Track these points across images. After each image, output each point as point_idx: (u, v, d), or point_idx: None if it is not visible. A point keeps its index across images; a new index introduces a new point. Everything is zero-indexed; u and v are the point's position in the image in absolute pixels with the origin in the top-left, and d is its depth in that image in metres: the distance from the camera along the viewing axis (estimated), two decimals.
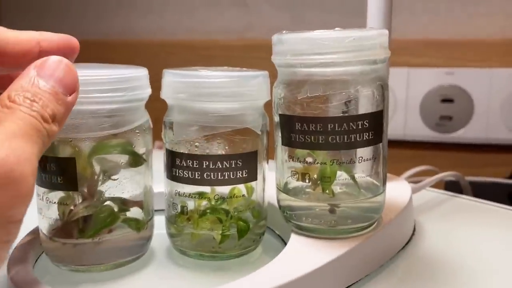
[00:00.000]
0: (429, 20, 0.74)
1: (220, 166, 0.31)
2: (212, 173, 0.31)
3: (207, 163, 0.30)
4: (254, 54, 0.78)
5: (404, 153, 0.77)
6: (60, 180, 0.29)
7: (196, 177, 0.31)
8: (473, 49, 0.71)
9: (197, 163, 0.31)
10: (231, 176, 0.31)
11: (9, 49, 0.24)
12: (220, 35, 0.84)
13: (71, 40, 0.28)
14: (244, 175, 0.31)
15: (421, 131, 0.75)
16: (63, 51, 0.28)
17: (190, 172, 0.31)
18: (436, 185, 0.51)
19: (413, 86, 0.74)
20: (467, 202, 0.48)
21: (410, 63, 0.74)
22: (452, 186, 0.63)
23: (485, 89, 0.71)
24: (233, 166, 0.31)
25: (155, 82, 0.33)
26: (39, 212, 0.31)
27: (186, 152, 0.31)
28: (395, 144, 0.76)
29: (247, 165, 0.31)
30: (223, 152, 0.31)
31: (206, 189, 0.32)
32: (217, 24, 0.84)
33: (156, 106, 0.35)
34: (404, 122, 0.75)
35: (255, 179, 0.32)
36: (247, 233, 0.32)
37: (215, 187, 0.32)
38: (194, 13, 0.86)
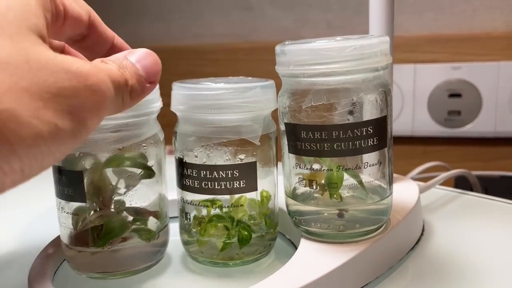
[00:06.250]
0: (434, 16, 0.74)
1: (217, 176, 0.31)
2: (210, 183, 0.31)
3: (204, 172, 0.31)
4: (258, 57, 0.79)
5: (413, 150, 0.77)
6: (71, 192, 0.30)
7: (197, 185, 0.32)
8: (479, 43, 0.71)
9: (196, 173, 0.31)
10: (228, 186, 0.31)
11: (94, 30, 0.26)
12: (225, 39, 0.85)
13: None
14: (242, 185, 0.32)
15: (429, 126, 0.75)
16: None
17: (193, 181, 0.32)
18: (445, 181, 0.51)
19: (420, 82, 0.74)
20: (476, 199, 0.48)
21: (417, 59, 0.74)
22: (462, 181, 0.63)
23: (492, 83, 0.70)
24: (229, 176, 0.31)
25: (166, 88, 0.33)
26: (59, 222, 0.32)
27: (188, 162, 0.32)
28: (403, 140, 0.76)
29: (244, 175, 0.32)
30: (222, 162, 0.32)
31: (211, 197, 0.32)
32: (223, 28, 0.85)
33: (167, 112, 0.36)
34: (412, 119, 0.75)
35: (255, 189, 0.32)
36: (249, 242, 0.33)
37: (218, 196, 0.32)
38: (200, 19, 0.86)
